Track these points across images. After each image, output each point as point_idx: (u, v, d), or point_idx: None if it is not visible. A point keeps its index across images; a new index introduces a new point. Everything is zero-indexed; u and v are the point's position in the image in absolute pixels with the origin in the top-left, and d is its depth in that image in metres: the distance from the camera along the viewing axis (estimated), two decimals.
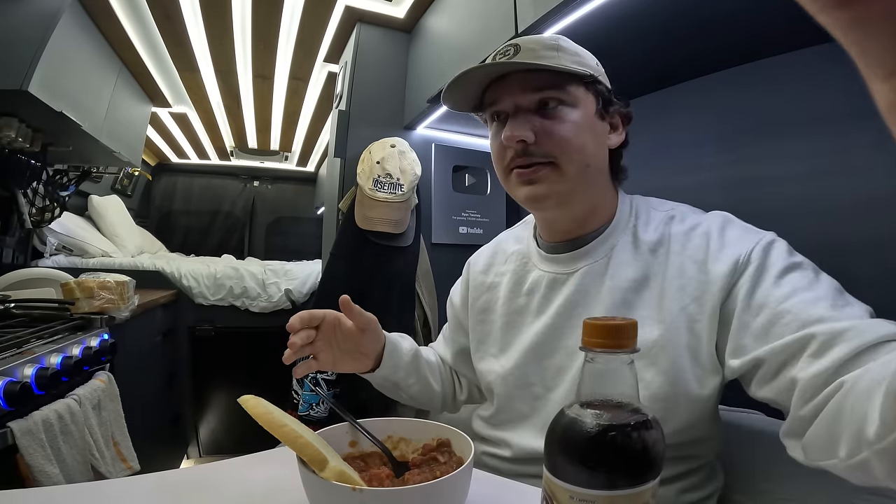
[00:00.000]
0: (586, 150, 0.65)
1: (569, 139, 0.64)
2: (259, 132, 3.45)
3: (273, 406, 0.50)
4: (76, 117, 1.77)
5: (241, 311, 2.62)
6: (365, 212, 1.54)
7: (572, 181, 0.65)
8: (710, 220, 0.65)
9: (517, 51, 0.65)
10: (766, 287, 0.55)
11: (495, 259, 0.83)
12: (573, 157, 0.64)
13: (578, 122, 0.65)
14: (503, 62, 0.64)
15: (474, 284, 0.83)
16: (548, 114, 0.65)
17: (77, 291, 1.43)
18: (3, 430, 0.91)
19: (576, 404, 0.36)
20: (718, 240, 0.61)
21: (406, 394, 0.82)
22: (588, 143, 0.65)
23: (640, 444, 0.33)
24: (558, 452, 0.35)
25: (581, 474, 0.33)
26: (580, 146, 0.64)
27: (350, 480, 0.43)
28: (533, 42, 0.65)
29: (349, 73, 1.86)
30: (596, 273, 0.67)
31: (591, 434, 0.33)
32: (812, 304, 0.51)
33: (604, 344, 0.34)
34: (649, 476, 0.33)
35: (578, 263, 0.69)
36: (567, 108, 0.65)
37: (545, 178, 0.65)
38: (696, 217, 0.67)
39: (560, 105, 0.64)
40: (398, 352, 0.79)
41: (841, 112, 0.85)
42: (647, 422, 0.34)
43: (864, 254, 0.82)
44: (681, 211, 0.69)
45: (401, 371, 0.79)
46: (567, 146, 0.64)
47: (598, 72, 0.68)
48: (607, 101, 0.68)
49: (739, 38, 0.94)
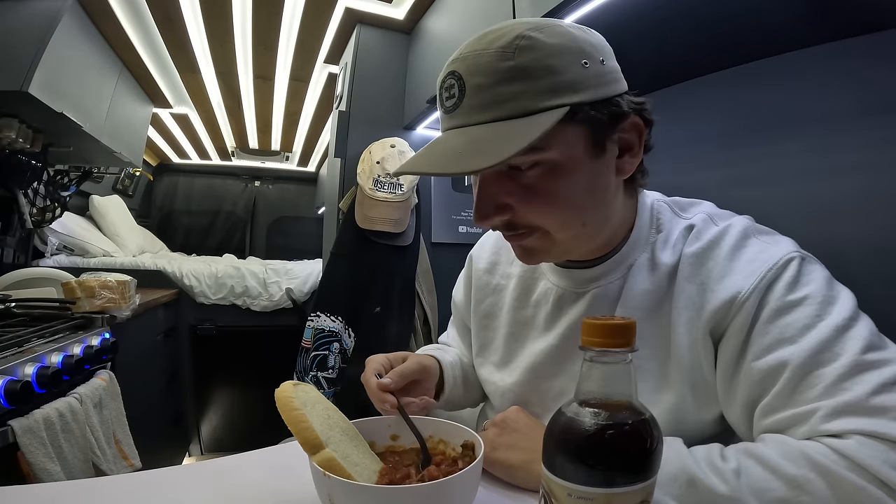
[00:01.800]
0: (578, 213, 0.53)
1: (552, 210, 0.52)
2: (260, 132, 3.45)
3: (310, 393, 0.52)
4: (77, 118, 1.78)
5: (242, 310, 2.63)
6: (365, 211, 1.54)
7: (567, 243, 0.56)
8: (728, 236, 0.55)
9: (462, 90, 0.48)
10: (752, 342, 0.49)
11: (500, 257, 0.76)
12: (564, 224, 0.53)
13: (562, 184, 0.50)
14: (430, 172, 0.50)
15: (478, 284, 0.77)
16: (524, 178, 0.50)
17: (78, 291, 1.43)
18: (4, 428, 0.92)
19: (574, 403, 0.36)
20: (725, 264, 0.53)
21: (465, 403, 0.82)
22: (579, 204, 0.52)
23: (638, 442, 0.34)
24: (557, 451, 0.35)
25: (579, 472, 0.33)
26: (569, 212, 0.52)
27: (337, 468, 0.44)
28: (481, 73, 0.47)
29: (349, 73, 1.86)
30: (609, 297, 0.60)
31: (589, 432, 0.33)
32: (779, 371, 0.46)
33: (603, 343, 0.34)
34: (647, 474, 0.33)
35: (591, 283, 0.61)
36: (547, 168, 0.50)
37: (536, 242, 0.55)
38: (713, 231, 0.56)
39: (534, 167, 0.50)
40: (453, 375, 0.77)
41: (841, 111, 0.85)
42: (645, 420, 0.34)
43: (864, 253, 0.82)
44: (700, 220, 0.58)
45: (456, 389, 0.77)
46: (552, 217, 0.52)
47: (588, 81, 0.49)
48: (606, 124, 0.51)
49: (739, 38, 0.95)
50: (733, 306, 0.50)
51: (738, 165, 1.02)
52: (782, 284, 0.49)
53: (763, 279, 0.49)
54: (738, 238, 0.54)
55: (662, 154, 1.16)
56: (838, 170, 0.85)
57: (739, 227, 0.56)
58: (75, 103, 1.77)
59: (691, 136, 1.12)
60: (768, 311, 0.49)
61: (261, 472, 0.60)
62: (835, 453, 0.41)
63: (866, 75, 0.81)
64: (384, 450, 0.57)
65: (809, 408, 0.44)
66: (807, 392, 0.44)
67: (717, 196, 0.74)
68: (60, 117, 1.70)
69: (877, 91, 0.79)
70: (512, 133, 0.46)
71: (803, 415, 0.44)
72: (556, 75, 0.47)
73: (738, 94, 1.02)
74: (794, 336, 0.46)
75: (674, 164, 1.15)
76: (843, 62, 0.84)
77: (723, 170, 1.05)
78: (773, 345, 0.47)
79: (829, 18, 0.83)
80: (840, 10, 0.81)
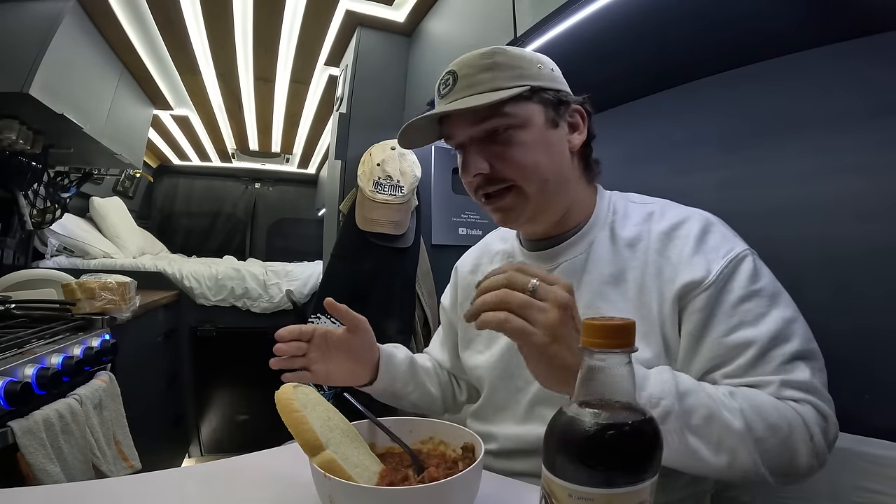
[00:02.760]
0: (542, 167, 0.66)
1: (522, 162, 0.65)
2: (260, 134, 3.46)
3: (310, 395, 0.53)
4: (77, 119, 1.78)
5: (242, 312, 2.63)
6: (365, 213, 1.54)
7: (536, 198, 0.67)
8: (693, 221, 0.66)
9: (455, 79, 0.67)
10: (718, 320, 0.59)
11: (482, 259, 0.87)
12: (530, 178, 0.66)
13: (528, 142, 0.65)
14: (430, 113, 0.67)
15: (463, 285, 0.87)
16: (498, 140, 0.66)
17: (78, 292, 1.43)
18: (4, 429, 0.92)
19: (574, 403, 0.36)
20: (695, 245, 0.63)
21: (407, 402, 0.84)
22: (542, 160, 0.66)
23: (639, 442, 0.34)
24: (557, 451, 0.35)
25: (580, 473, 0.33)
26: (534, 165, 0.65)
27: (337, 469, 0.44)
28: (468, 66, 0.66)
29: (350, 76, 1.87)
30: (575, 269, 0.70)
31: (589, 433, 0.33)
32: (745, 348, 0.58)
33: (602, 344, 0.35)
34: (647, 474, 0.33)
35: (559, 259, 0.72)
36: (515, 130, 0.66)
37: (510, 201, 0.67)
38: (677, 214, 0.68)
39: (508, 129, 0.65)
40: (394, 362, 0.80)
41: (842, 113, 0.85)
42: (645, 420, 0.34)
43: (864, 254, 0.82)
44: (660, 206, 0.70)
45: (398, 381, 0.80)
46: (522, 169, 0.65)
47: (542, 77, 0.67)
48: (556, 105, 0.68)
49: (739, 40, 0.95)
50: (701, 285, 0.60)
51: (739, 167, 1.02)
52: (744, 276, 0.60)
53: (727, 267, 0.61)
54: (703, 224, 0.65)
55: (663, 155, 1.17)
56: (838, 171, 0.85)
57: (701, 214, 0.67)
58: (76, 105, 1.78)
59: (692, 138, 1.12)
60: (734, 297, 0.59)
61: (261, 473, 0.61)
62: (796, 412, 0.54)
63: (867, 77, 0.81)
64: (384, 451, 0.57)
65: (767, 379, 0.56)
66: (763, 367, 0.57)
67: (717, 197, 0.74)
68: (61, 119, 1.70)
69: (878, 93, 0.79)
70: (489, 97, 0.63)
71: (762, 383, 0.56)
72: (520, 69, 0.66)
73: (738, 95, 1.02)
74: (753, 321, 0.58)
75: (674, 165, 1.15)
76: (844, 64, 0.84)
77: (723, 171, 1.05)
78: (738, 326, 0.58)
79: (830, 21, 0.84)
80: (841, 13, 0.81)
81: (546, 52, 0.93)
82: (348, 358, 0.74)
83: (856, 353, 0.78)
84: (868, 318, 0.78)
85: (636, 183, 0.88)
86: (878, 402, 0.76)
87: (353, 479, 0.44)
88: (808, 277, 0.85)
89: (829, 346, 0.59)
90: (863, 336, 0.79)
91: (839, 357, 0.81)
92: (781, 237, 0.87)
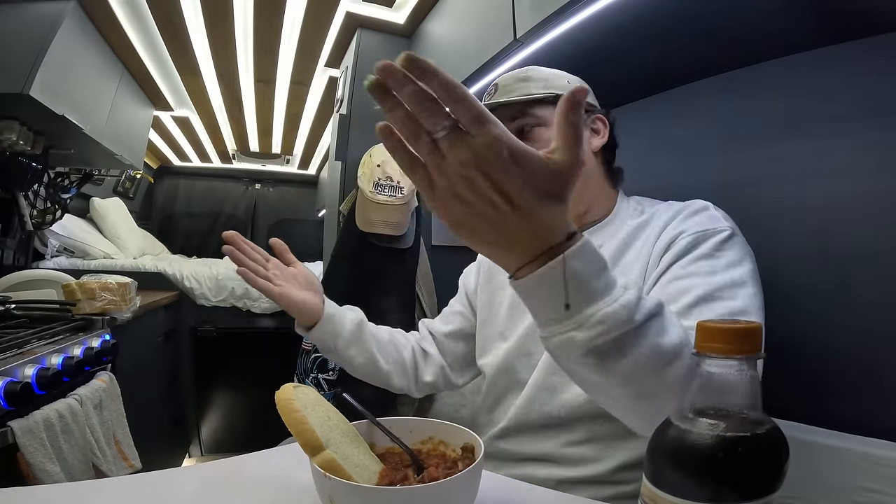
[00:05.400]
0: None
1: None
2: (261, 136, 3.46)
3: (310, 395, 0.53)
4: (78, 120, 1.78)
5: (242, 312, 2.63)
6: (366, 214, 1.54)
7: None
8: (697, 202, 0.73)
9: (496, 89, 0.79)
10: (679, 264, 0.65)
11: None
12: None
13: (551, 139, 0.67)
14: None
15: (489, 265, 0.91)
16: (525, 137, 0.74)
17: (78, 293, 1.43)
18: (4, 429, 0.92)
19: (688, 413, 0.32)
20: (683, 219, 0.70)
21: (349, 365, 0.85)
22: None
23: (765, 457, 0.30)
24: (667, 464, 0.32)
25: (694, 488, 0.30)
26: None
27: (337, 469, 0.44)
28: (507, 78, 0.79)
29: (350, 77, 1.87)
30: None
31: (709, 446, 0.30)
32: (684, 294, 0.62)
33: (725, 350, 0.31)
34: (770, 489, 0.30)
35: None
36: (541, 128, 0.75)
37: None
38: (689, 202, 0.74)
39: (535, 127, 0.75)
40: (339, 320, 0.82)
41: (841, 114, 0.85)
42: (770, 431, 0.31)
43: (863, 255, 0.82)
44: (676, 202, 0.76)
45: (340, 340, 0.81)
46: None
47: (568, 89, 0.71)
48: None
49: (741, 42, 0.95)
50: (677, 238, 0.67)
51: (739, 168, 1.02)
52: (714, 241, 0.65)
53: (703, 232, 0.66)
54: (701, 205, 0.72)
55: (663, 156, 1.17)
56: (838, 172, 0.86)
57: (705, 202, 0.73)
58: (76, 106, 1.78)
59: (692, 139, 1.12)
60: (697, 254, 0.65)
61: (261, 473, 0.61)
62: None
63: (867, 78, 0.81)
64: (384, 451, 0.57)
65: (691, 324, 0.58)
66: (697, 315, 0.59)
67: (717, 198, 0.74)
68: (61, 120, 1.70)
69: (878, 93, 0.79)
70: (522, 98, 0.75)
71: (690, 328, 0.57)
72: (549, 81, 0.78)
73: (738, 96, 1.03)
74: (703, 275, 0.63)
75: (674, 165, 1.15)
76: (843, 65, 0.85)
77: (723, 172, 1.05)
78: (688, 275, 0.63)
79: (829, 22, 0.84)
80: (840, 14, 0.81)
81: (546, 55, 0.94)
82: (303, 286, 0.80)
83: (856, 353, 0.78)
84: (868, 318, 0.78)
85: (636, 183, 0.88)
86: (878, 402, 0.76)
87: (353, 478, 0.44)
88: (808, 277, 0.85)
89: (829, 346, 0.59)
90: (863, 336, 0.79)
91: (839, 357, 0.81)
92: (781, 237, 0.88)
